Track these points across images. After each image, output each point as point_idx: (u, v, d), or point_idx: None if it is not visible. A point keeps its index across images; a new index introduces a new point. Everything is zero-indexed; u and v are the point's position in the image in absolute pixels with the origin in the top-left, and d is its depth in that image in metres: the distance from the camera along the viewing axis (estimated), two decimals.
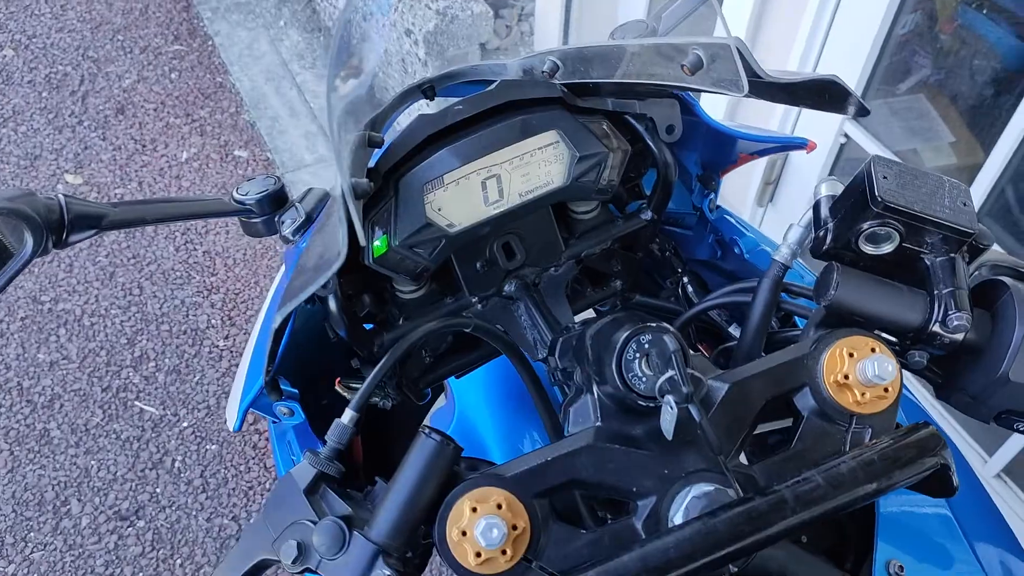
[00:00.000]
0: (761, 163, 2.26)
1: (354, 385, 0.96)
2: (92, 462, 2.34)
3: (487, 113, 0.86)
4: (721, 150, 1.05)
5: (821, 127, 2.12)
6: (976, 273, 0.77)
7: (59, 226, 0.73)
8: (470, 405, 1.21)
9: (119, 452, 2.36)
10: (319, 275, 0.66)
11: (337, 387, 0.95)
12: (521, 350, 0.90)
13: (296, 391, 0.96)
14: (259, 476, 2.34)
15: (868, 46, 1.96)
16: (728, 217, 1.12)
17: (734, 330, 1.06)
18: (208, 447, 2.39)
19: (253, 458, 2.37)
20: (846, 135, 2.08)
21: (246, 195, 0.89)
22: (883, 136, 2.07)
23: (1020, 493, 1.96)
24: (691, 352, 0.71)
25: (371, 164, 0.85)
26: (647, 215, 1.00)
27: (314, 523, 0.66)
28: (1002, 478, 1.99)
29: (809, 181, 2.24)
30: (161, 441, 2.39)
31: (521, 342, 0.96)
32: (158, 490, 2.30)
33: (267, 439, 2.42)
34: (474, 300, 0.97)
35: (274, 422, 1.04)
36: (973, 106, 1.95)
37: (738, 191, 2.46)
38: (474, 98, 0.85)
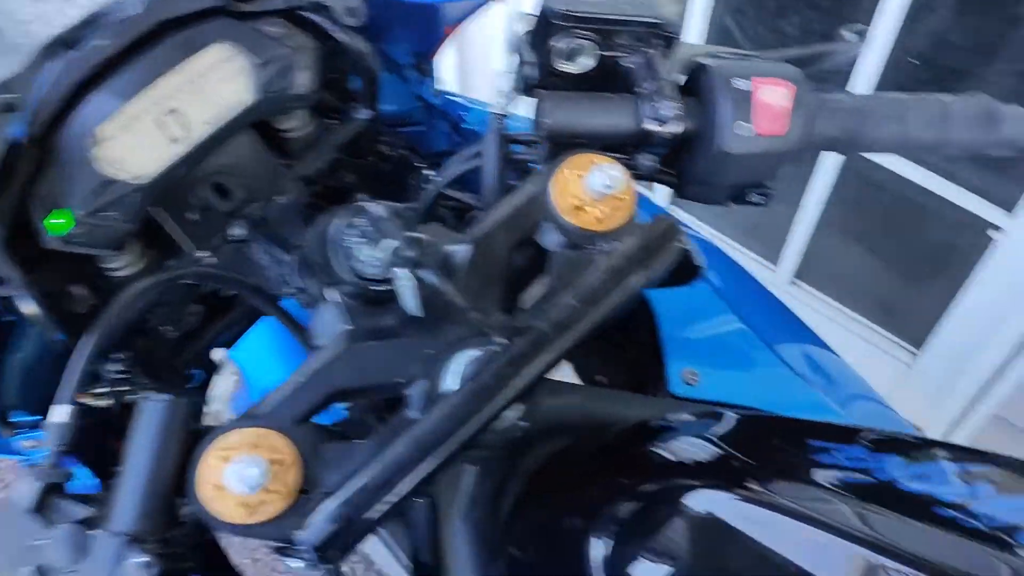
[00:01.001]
0: None
1: (99, 391, 0.85)
2: None
3: (141, 44, 0.75)
4: (424, 27, 0.99)
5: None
6: (678, 73, 0.77)
7: None
8: (261, 372, 1.12)
9: None
10: None
11: (81, 399, 0.84)
12: (261, 286, 0.82)
13: (38, 417, 0.84)
14: None
15: None
16: (453, 98, 1.07)
17: None
18: None
19: None
20: None
21: None
22: None
23: (815, 291, 2.10)
24: (428, 224, 0.66)
25: (18, 134, 0.72)
26: (363, 113, 0.94)
27: None
28: (796, 283, 2.12)
29: None
30: None
31: (267, 283, 0.88)
32: None
33: None
34: (202, 255, 0.87)
35: (24, 462, 0.91)
36: None
37: None
38: (119, 25, 0.75)
